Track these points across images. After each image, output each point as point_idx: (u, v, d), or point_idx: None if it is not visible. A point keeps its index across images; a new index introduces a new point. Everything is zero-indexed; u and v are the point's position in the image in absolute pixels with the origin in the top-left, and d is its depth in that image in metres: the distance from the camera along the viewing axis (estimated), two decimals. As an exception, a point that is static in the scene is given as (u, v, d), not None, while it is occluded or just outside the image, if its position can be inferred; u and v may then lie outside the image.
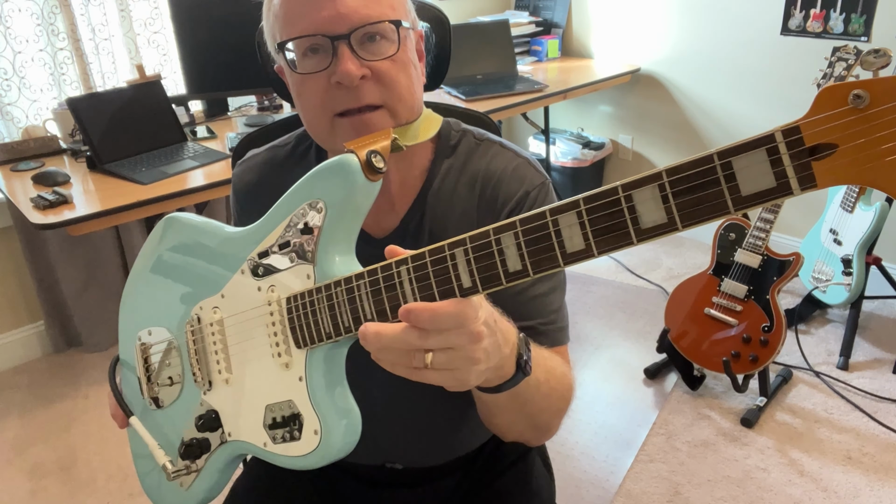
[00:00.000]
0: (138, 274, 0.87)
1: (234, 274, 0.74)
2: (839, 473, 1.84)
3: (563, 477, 1.88)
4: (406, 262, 0.57)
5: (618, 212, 0.46)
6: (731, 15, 2.76)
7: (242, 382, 0.74)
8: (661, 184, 0.45)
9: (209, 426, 0.76)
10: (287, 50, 0.78)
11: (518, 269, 0.52)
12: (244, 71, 2.25)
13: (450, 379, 0.57)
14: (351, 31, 0.74)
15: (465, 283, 0.54)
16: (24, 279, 2.43)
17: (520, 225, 0.51)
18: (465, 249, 0.54)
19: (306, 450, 0.66)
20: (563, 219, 0.49)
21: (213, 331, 0.76)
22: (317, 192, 0.66)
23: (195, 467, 0.79)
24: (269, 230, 0.70)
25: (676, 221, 0.45)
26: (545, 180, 0.87)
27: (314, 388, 0.66)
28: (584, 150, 3.26)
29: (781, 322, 1.95)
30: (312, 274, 0.66)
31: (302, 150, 0.93)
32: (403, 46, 0.78)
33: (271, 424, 0.70)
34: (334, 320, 0.63)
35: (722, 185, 0.43)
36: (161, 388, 0.83)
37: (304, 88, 0.79)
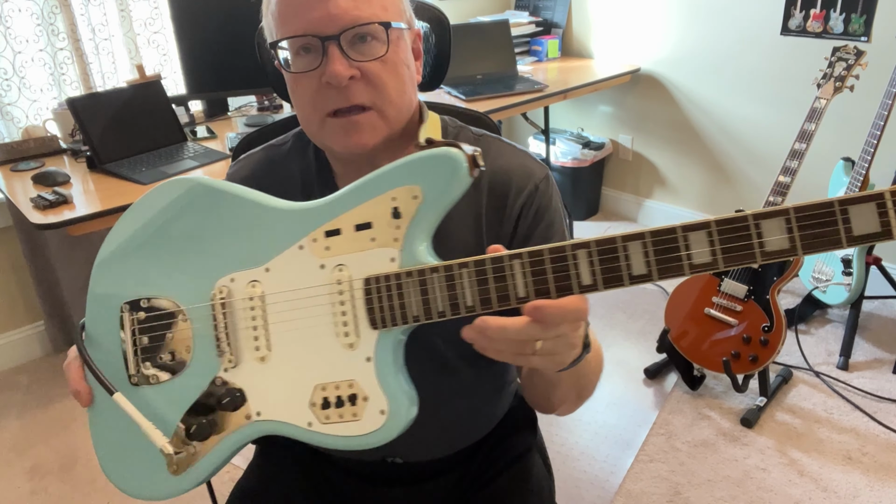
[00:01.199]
0: (131, 236, 0.79)
1: (288, 249, 0.71)
2: (839, 473, 1.85)
3: (563, 477, 1.88)
4: (521, 257, 0.61)
5: (746, 235, 0.54)
6: (731, 15, 2.77)
7: (285, 361, 0.72)
8: (787, 217, 0.53)
9: (231, 405, 0.73)
10: (281, 49, 0.79)
11: (643, 272, 0.57)
12: (244, 71, 2.26)
13: (550, 362, 0.63)
14: (341, 32, 0.75)
15: (585, 280, 0.59)
16: (24, 279, 2.43)
17: (650, 236, 0.57)
18: (588, 252, 0.59)
19: (368, 429, 0.68)
20: (693, 236, 0.56)
21: (251, 305, 0.73)
22: (415, 179, 0.67)
23: (196, 450, 0.74)
24: (343, 209, 0.70)
25: (798, 249, 0.53)
26: (547, 171, 0.90)
27: (383, 369, 0.68)
28: (584, 150, 3.26)
29: (781, 322, 1.96)
30: (398, 258, 0.67)
31: (300, 148, 0.93)
32: (394, 47, 0.79)
33: (322, 404, 0.70)
34: (426, 304, 0.65)
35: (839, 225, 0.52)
36: (155, 362, 0.77)
37: (297, 87, 0.81)
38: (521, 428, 1.10)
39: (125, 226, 0.79)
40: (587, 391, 0.85)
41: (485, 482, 1.02)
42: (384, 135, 0.81)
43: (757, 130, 2.85)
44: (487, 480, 1.02)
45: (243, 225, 0.74)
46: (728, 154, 2.98)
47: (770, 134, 2.80)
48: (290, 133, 0.96)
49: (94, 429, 0.80)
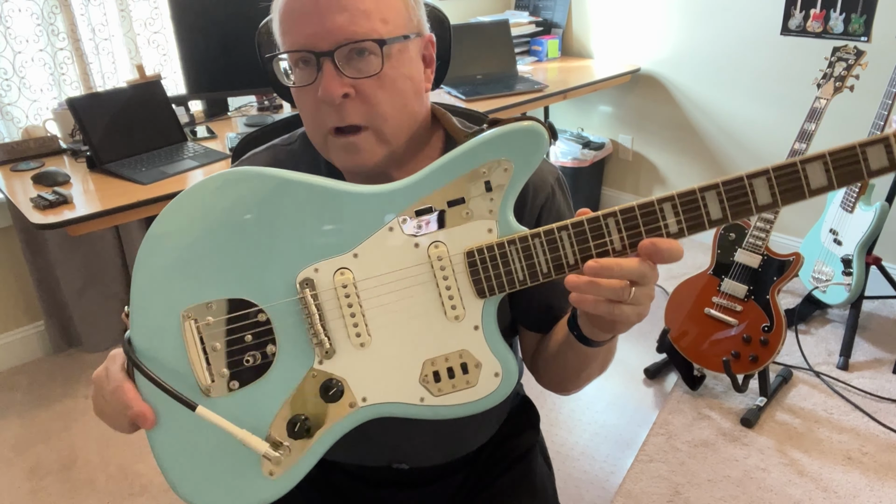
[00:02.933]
0: (176, 237, 0.72)
1: (377, 231, 0.71)
2: (839, 473, 1.85)
3: (563, 477, 1.88)
4: (615, 215, 0.66)
5: (797, 178, 0.64)
6: (731, 15, 2.77)
7: (387, 343, 0.72)
8: (825, 160, 0.63)
9: (333, 396, 0.71)
10: (281, 59, 0.79)
11: (719, 216, 0.65)
12: (244, 71, 2.25)
13: (634, 314, 0.67)
14: (335, 48, 0.74)
15: (673, 228, 0.66)
16: (24, 279, 2.43)
17: (722, 185, 0.64)
18: (672, 204, 0.65)
19: (484, 393, 0.72)
20: (756, 181, 0.64)
21: (344, 294, 0.71)
22: (504, 152, 0.69)
23: (294, 449, 0.72)
24: (431, 187, 0.71)
25: (834, 183, 0.63)
26: (558, 171, 0.92)
27: (490, 335, 0.71)
28: (584, 150, 3.26)
29: (781, 322, 1.95)
30: (495, 228, 0.70)
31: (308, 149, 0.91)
32: (393, 63, 0.77)
33: (434, 378, 0.72)
34: (531, 269, 0.69)
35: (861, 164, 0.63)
36: (234, 369, 0.72)
37: (299, 99, 0.81)
38: (524, 428, 1.11)
39: (171, 225, 0.72)
40: (606, 366, 0.89)
41: (489, 482, 1.03)
42: (383, 154, 0.80)
43: (757, 130, 2.85)
44: (492, 480, 1.03)
45: (319, 213, 0.72)
46: (728, 154, 2.98)
47: (770, 134, 2.80)
48: (297, 132, 0.95)
49: (163, 450, 0.74)
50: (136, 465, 1.98)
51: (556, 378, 0.90)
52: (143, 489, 1.90)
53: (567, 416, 2.12)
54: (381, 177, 0.85)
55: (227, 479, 0.73)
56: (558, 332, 0.84)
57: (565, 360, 0.84)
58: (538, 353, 0.91)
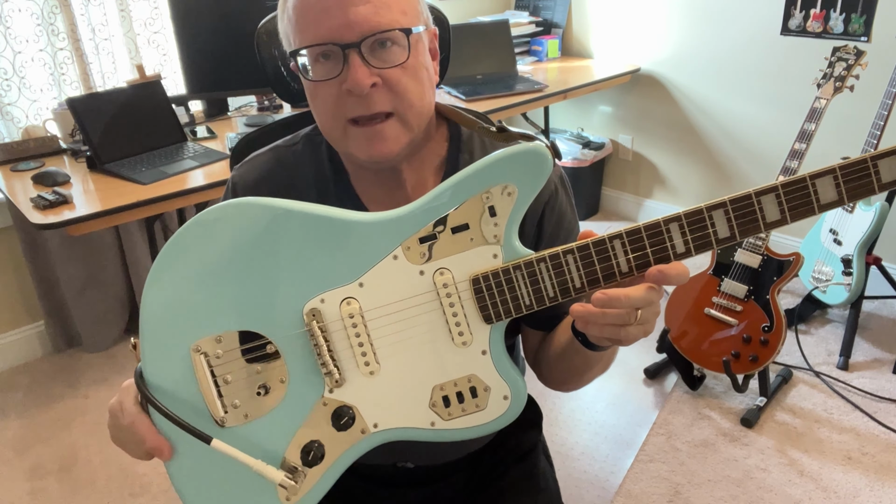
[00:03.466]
0: (181, 273, 0.72)
1: (381, 260, 0.71)
2: (839, 473, 1.84)
3: (563, 477, 1.87)
4: (621, 237, 0.66)
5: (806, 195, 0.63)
6: (731, 15, 2.76)
7: (396, 370, 0.72)
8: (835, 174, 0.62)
9: (344, 424, 0.73)
10: (300, 56, 0.78)
11: (727, 235, 0.65)
12: (244, 71, 2.25)
13: (641, 332, 0.67)
14: (361, 40, 0.75)
15: (679, 248, 0.65)
16: (24, 279, 2.43)
17: (730, 203, 0.64)
18: (679, 224, 0.65)
19: (494, 415, 0.73)
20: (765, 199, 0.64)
21: (352, 323, 0.71)
22: (508, 177, 0.69)
23: (309, 476, 0.74)
24: (435, 214, 0.70)
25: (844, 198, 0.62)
26: (560, 169, 0.92)
27: (498, 358, 0.72)
28: (584, 150, 3.26)
29: (781, 322, 1.95)
30: (500, 254, 0.70)
31: (312, 149, 0.92)
32: (414, 52, 0.78)
33: (443, 402, 0.73)
34: (537, 293, 0.69)
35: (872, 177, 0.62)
36: (244, 400, 0.73)
37: (317, 95, 0.80)
38: (527, 427, 1.12)
39: (175, 260, 0.72)
40: (609, 364, 0.89)
41: (493, 479, 1.04)
42: (407, 141, 0.81)
43: (757, 130, 2.85)
44: (496, 478, 1.04)
45: (324, 243, 0.71)
46: (728, 154, 2.98)
47: (770, 134, 2.80)
48: (300, 134, 0.94)
49: (181, 479, 0.74)
50: (136, 465, 1.98)
51: (559, 378, 0.91)
52: (143, 489, 1.90)
53: (567, 415, 2.12)
54: (391, 172, 0.85)
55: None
56: (562, 334, 0.84)
57: (570, 363, 0.84)
58: (541, 352, 0.91)
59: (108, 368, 2.42)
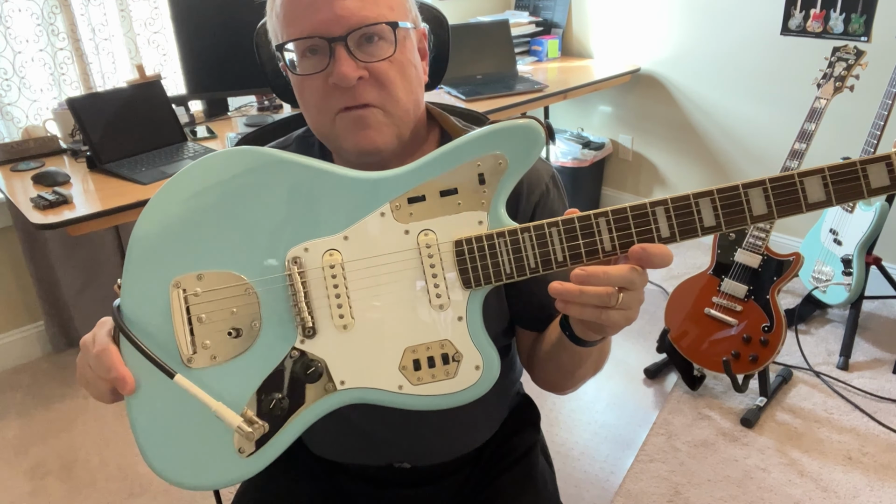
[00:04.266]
0: (178, 208, 0.73)
1: (368, 216, 0.72)
2: (839, 473, 1.84)
3: (563, 477, 1.88)
4: (606, 215, 0.66)
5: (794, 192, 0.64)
6: (731, 15, 2.76)
7: (370, 327, 0.72)
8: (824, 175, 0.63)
9: (312, 376, 0.71)
10: (287, 50, 0.78)
11: (712, 224, 0.65)
12: (244, 71, 2.25)
13: (622, 318, 0.66)
14: (348, 33, 0.75)
15: (664, 233, 0.66)
16: (24, 279, 2.43)
17: (717, 193, 0.65)
18: (665, 208, 0.65)
19: (462, 385, 0.71)
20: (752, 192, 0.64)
21: (331, 273, 0.71)
22: (501, 147, 0.70)
23: (269, 427, 0.72)
24: (426, 176, 0.71)
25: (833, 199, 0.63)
26: (553, 170, 0.93)
27: (473, 327, 0.71)
28: (584, 150, 3.26)
29: (781, 322, 1.95)
30: (486, 220, 0.70)
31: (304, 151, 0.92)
32: (401, 47, 0.79)
33: (413, 366, 0.71)
34: (518, 262, 0.69)
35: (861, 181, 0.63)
36: (217, 342, 0.72)
37: (304, 89, 0.80)
38: (525, 427, 1.11)
39: (170, 198, 0.73)
40: (601, 365, 0.89)
41: (491, 480, 1.03)
42: (392, 133, 0.81)
43: (757, 130, 2.85)
44: (493, 479, 1.03)
45: (316, 194, 0.72)
46: (728, 154, 2.98)
47: (770, 134, 2.80)
48: (292, 135, 0.95)
49: (139, 418, 0.73)
50: (136, 465, 1.98)
51: (550, 378, 0.91)
52: (143, 489, 1.90)
53: (567, 415, 2.12)
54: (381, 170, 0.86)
55: (198, 454, 0.73)
56: (552, 332, 0.85)
57: (559, 360, 0.84)
58: (533, 353, 0.92)
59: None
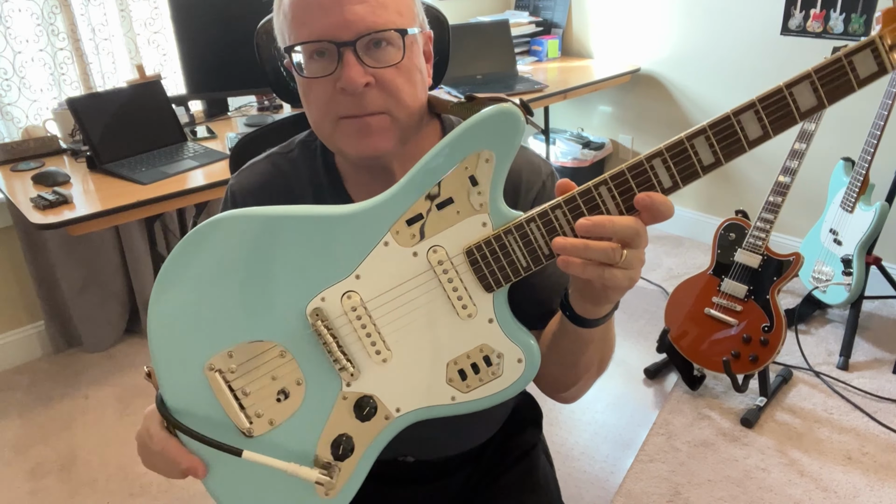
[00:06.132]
0: (182, 296, 0.72)
1: (373, 249, 0.71)
2: (839, 473, 1.84)
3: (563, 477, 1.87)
4: (606, 182, 0.65)
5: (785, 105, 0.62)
6: (731, 15, 2.76)
7: (408, 353, 0.73)
8: (811, 80, 0.61)
9: (368, 414, 0.74)
10: (294, 52, 0.78)
11: (712, 161, 0.64)
12: (244, 71, 2.26)
13: (625, 278, 0.65)
14: (356, 39, 0.75)
15: (666, 183, 0.64)
16: (24, 279, 2.43)
17: (710, 128, 0.63)
18: (662, 158, 0.64)
19: (511, 380, 0.73)
20: (744, 116, 0.63)
21: (356, 316, 0.72)
22: (482, 143, 0.68)
23: (343, 468, 0.75)
24: (417, 193, 0.70)
25: (825, 102, 0.61)
26: (551, 167, 0.92)
27: (505, 324, 0.72)
28: (584, 150, 3.26)
29: (781, 322, 1.95)
30: (489, 221, 0.69)
31: (307, 155, 0.92)
32: (409, 53, 0.78)
33: (460, 376, 0.73)
34: (532, 253, 0.68)
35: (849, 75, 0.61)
36: (266, 409, 0.74)
37: (310, 91, 0.80)
38: (527, 425, 1.12)
39: (174, 281, 0.73)
40: (607, 358, 0.88)
41: (493, 478, 1.04)
42: (396, 138, 0.81)
43: (757, 130, 2.85)
44: (496, 476, 1.04)
45: (312, 243, 0.72)
46: (728, 154, 2.98)
47: (770, 134, 2.80)
48: (295, 140, 0.95)
49: (221, 493, 0.76)
50: (136, 465, 1.98)
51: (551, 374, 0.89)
52: (143, 489, 1.90)
53: (567, 416, 2.12)
54: (384, 171, 0.86)
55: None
56: (552, 325, 0.84)
57: (559, 350, 0.83)
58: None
59: (108, 368, 2.42)
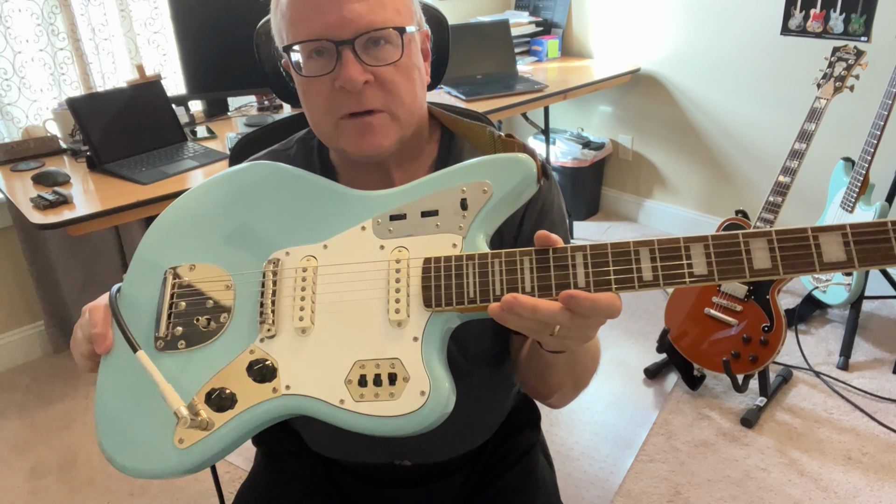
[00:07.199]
0: (188, 209, 0.80)
1: (350, 228, 0.74)
2: (839, 473, 1.84)
3: (563, 477, 1.88)
4: (584, 250, 0.63)
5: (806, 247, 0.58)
6: (732, 15, 2.76)
7: (326, 334, 0.72)
8: (844, 233, 0.57)
9: (260, 375, 0.71)
10: (293, 51, 0.78)
11: (704, 273, 0.60)
12: (244, 71, 2.26)
13: (559, 344, 0.64)
14: (355, 37, 0.75)
15: (647, 276, 0.61)
16: (24, 279, 2.43)
17: (712, 240, 0.60)
18: (650, 249, 0.61)
19: (404, 410, 0.67)
20: (754, 242, 0.59)
21: (301, 276, 0.73)
22: (488, 176, 0.71)
23: (211, 422, 0.71)
24: (411, 197, 0.73)
25: (855, 262, 0.57)
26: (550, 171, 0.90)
27: (428, 350, 0.69)
28: (584, 150, 3.26)
29: (781, 322, 1.95)
30: (460, 244, 0.70)
31: (305, 153, 0.93)
32: (408, 51, 0.79)
33: (359, 381, 0.69)
34: (483, 287, 0.66)
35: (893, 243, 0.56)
36: (188, 328, 0.75)
37: (309, 90, 0.80)
38: (525, 426, 1.12)
39: (189, 200, 0.81)
40: (583, 380, 0.87)
41: (491, 479, 1.04)
42: (397, 136, 0.81)
43: (757, 130, 2.85)
44: (494, 477, 1.04)
45: (307, 204, 0.76)
46: (728, 154, 2.98)
47: (770, 134, 2.80)
48: (293, 138, 0.95)
49: (101, 389, 0.76)
50: (136, 465, 1.98)
51: (527, 382, 0.91)
52: (143, 489, 1.90)
53: (567, 416, 2.12)
54: (381, 173, 0.86)
55: (140, 436, 0.73)
56: None
57: (530, 362, 0.84)
58: (517, 356, 0.92)
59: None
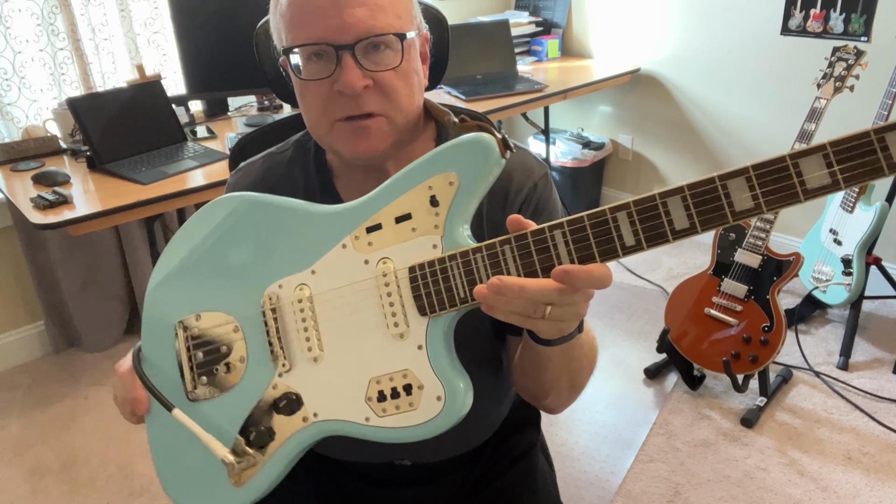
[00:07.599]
0: (181, 258, 0.80)
1: (332, 249, 0.73)
2: (839, 473, 1.84)
3: (563, 477, 1.87)
4: (561, 227, 0.62)
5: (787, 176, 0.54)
6: (732, 15, 2.76)
7: (338, 358, 0.73)
8: (825, 153, 0.53)
9: (288, 409, 0.73)
10: (292, 54, 0.78)
11: (685, 227, 0.58)
12: (244, 71, 2.25)
13: (553, 328, 0.64)
14: (356, 42, 0.75)
15: (629, 242, 0.59)
16: (24, 279, 2.43)
17: (688, 189, 0.58)
18: (628, 213, 0.59)
19: (426, 417, 0.68)
20: (732, 183, 0.56)
21: (300, 308, 0.73)
22: (450, 166, 0.68)
23: (257, 459, 0.74)
24: (382, 203, 0.71)
25: (840, 183, 0.53)
26: (546, 169, 0.91)
27: (435, 355, 0.69)
28: (584, 150, 3.26)
29: (781, 322, 1.95)
30: (440, 244, 0.68)
31: (301, 156, 0.93)
32: (407, 56, 0.79)
33: (378, 397, 0.70)
34: (471, 284, 0.65)
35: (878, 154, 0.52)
36: (212, 376, 0.77)
37: (307, 92, 0.80)
38: (525, 426, 1.12)
39: (174, 249, 0.81)
40: (579, 381, 0.86)
41: (491, 479, 1.03)
42: (392, 140, 0.81)
43: (757, 130, 2.85)
44: (494, 477, 1.04)
45: (287, 232, 0.75)
46: (728, 154, 2.98)
47: (770, 134, 2.80)
48: (290, 141, 0.96)
49: (153, 444, 0.81)
50: (136, 465, 1.98)
51: (522, 384, 0.90)
52: (143, 489, 1.90)
53: (567, 416, 2.12)
54: (378, 172, 0.86)
55: (199, 482, 0.78)
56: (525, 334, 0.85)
57: (524, 361, 0.83)
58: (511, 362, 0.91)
59: (108, 368, 2.42)
